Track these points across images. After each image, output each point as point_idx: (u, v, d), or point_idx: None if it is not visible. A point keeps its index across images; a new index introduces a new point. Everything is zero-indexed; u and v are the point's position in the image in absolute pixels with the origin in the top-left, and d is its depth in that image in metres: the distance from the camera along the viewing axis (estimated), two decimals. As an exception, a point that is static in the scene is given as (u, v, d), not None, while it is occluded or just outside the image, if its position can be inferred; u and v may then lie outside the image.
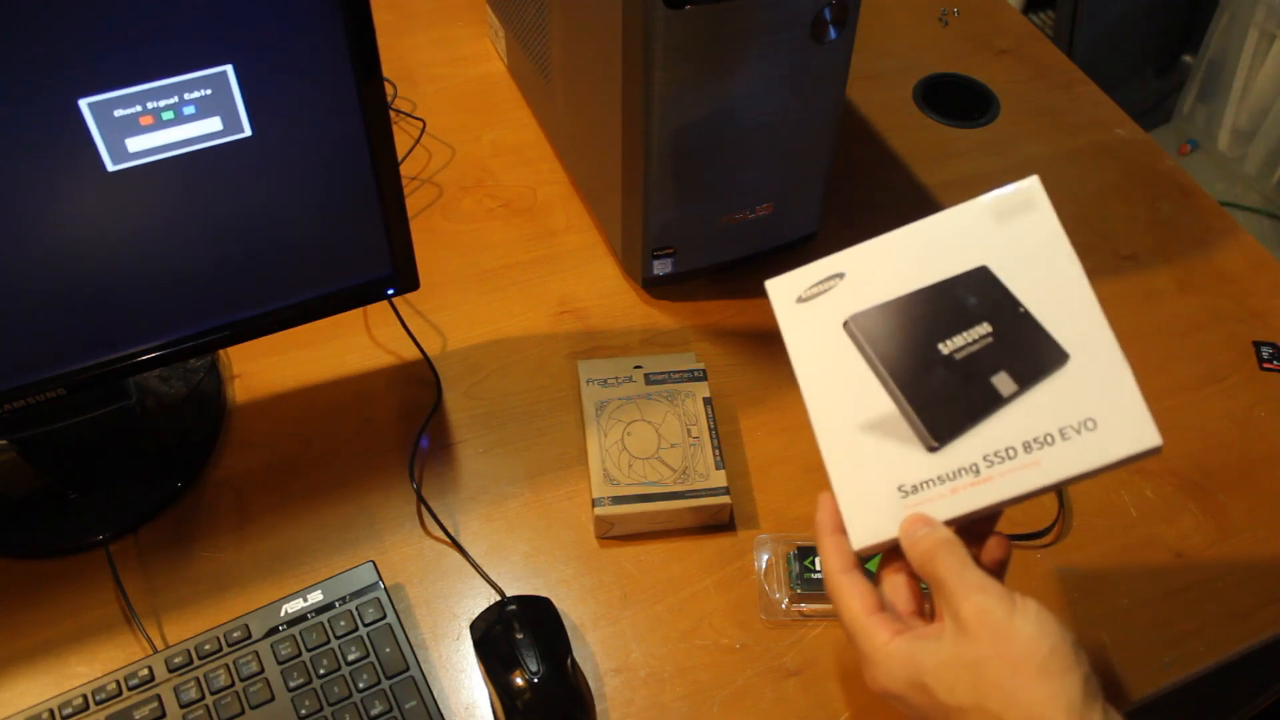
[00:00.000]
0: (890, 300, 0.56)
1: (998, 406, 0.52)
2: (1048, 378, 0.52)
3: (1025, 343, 0.53)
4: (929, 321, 0.55)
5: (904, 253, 0.56)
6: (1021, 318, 0.54)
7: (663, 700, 0.69)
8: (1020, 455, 0.52)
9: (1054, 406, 0.52)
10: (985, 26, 1.18)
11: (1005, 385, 0.53)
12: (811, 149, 0.85)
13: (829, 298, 0.57)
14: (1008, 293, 0.54)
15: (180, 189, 0.65)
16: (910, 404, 0.54)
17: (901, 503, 0.53)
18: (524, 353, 0.87)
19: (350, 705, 0.65)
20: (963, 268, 0.55)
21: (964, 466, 0.52)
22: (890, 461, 0.54)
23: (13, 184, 0.59)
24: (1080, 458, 0.51)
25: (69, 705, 0.64)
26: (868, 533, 0.54)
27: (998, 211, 0.55)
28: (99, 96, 0.58)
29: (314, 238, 0.71)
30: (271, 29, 0.61)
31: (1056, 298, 0.53)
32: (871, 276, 0.57)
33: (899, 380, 0.54)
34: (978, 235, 0.55)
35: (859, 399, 0.55)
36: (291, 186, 0.68)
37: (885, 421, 0.54)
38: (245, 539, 0.75)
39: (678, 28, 0.72)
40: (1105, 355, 0.52)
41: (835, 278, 0.57)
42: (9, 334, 0.66)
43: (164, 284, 0.68)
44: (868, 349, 0.55)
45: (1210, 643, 0.72)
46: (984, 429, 0.52)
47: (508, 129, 1.04)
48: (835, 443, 0.55)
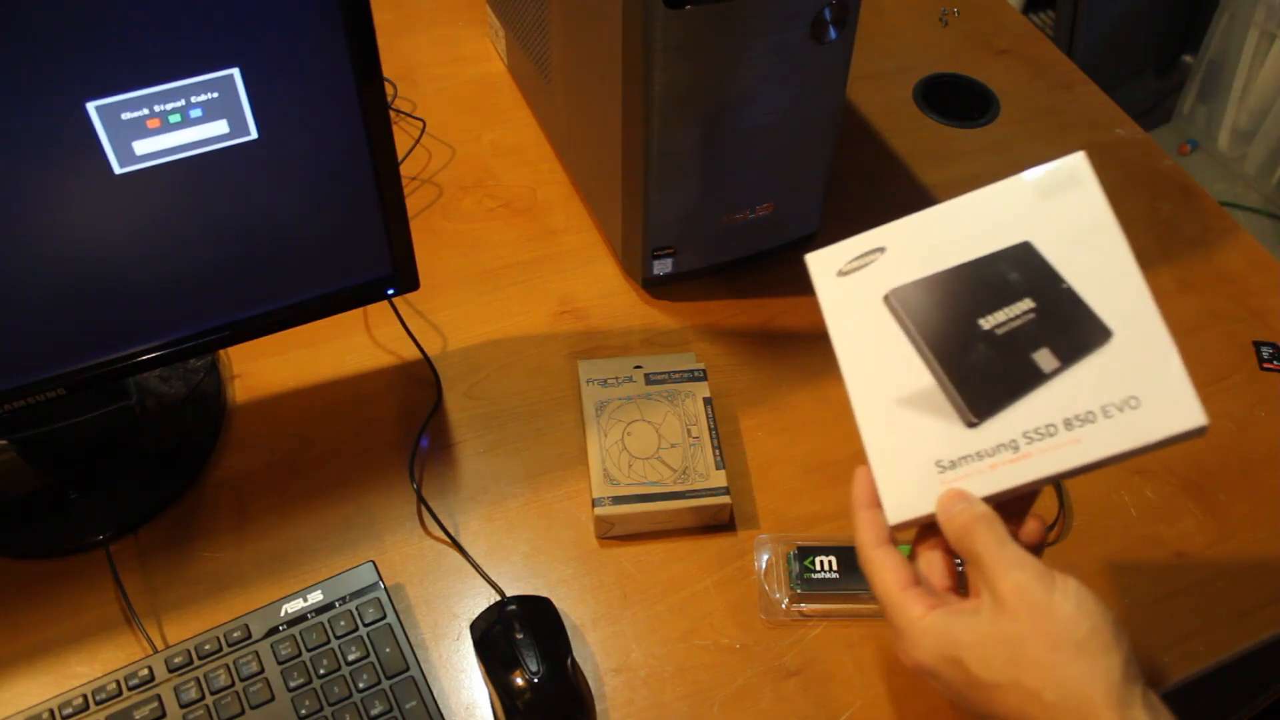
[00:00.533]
0: (932, 275, 0.55)
1: (1039, 383, 0.52)
2: (1090, 354, 0.51)
3: (1068, 319, 0.52)
4: (970, 297, 0.54)
5: (946, 228, 0.56)
6: (1064, 293, 0.53)
7: (663, 700, 0.69)
8: (1061, 432, 0.51)
9: (1096, 384, 0.51)
10: (985, 26, 1.18)
11: (1047, 361, 0.52)
12: (811, 149, 0.85)
13: (869, 272, 0.56)
14: (1051, 268, 0.53)
15: (185, 191, 0.65)
16: (950, 379, 0.53)
17: (939, 478, 0.52)
18: (524, 353, 0.87)
19: (350, 705, 0.65)
20: (1005, 243, 0.55)
21: (1003, 443, 0.51)
22: (928, 436, 0.53)
23: (19, 186, 0.60)
24: (1122, 436, 0.50)
25: (69, 705, 0.64)
26: (904, 507, 0.53)
27: (1042, 187, 0.54)
28: (106, 100, 0.59)
29: (314, 238, 0.71)
30: (277, 31, 0.61)
31: (1101, 274, 0.52)
32: (913, 251, 0.56)
33: (939, 355, 0.54)
34: (1021, 211, 0.55)
35: (898, 373, 0.54)
36: (293, 187, 0.68)
37: (924, 396, 0.53)
38: (245, 539, 0.75)
39: (678, 28, 0.72)
40: (1150, 332, 0.51)
41: (876, 252, 0.57)
42: (9, 334, 0.66)
43: (164, 284, 0.68)
44: (908, 323, 0.55)
45: (1210, 643, 0.72)
46: (1024, 405, 0.52)
47: (508, 129, 1.04)
48: (873, 417, 0.54)
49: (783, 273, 0.92)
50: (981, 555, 0.50)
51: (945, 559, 0.54)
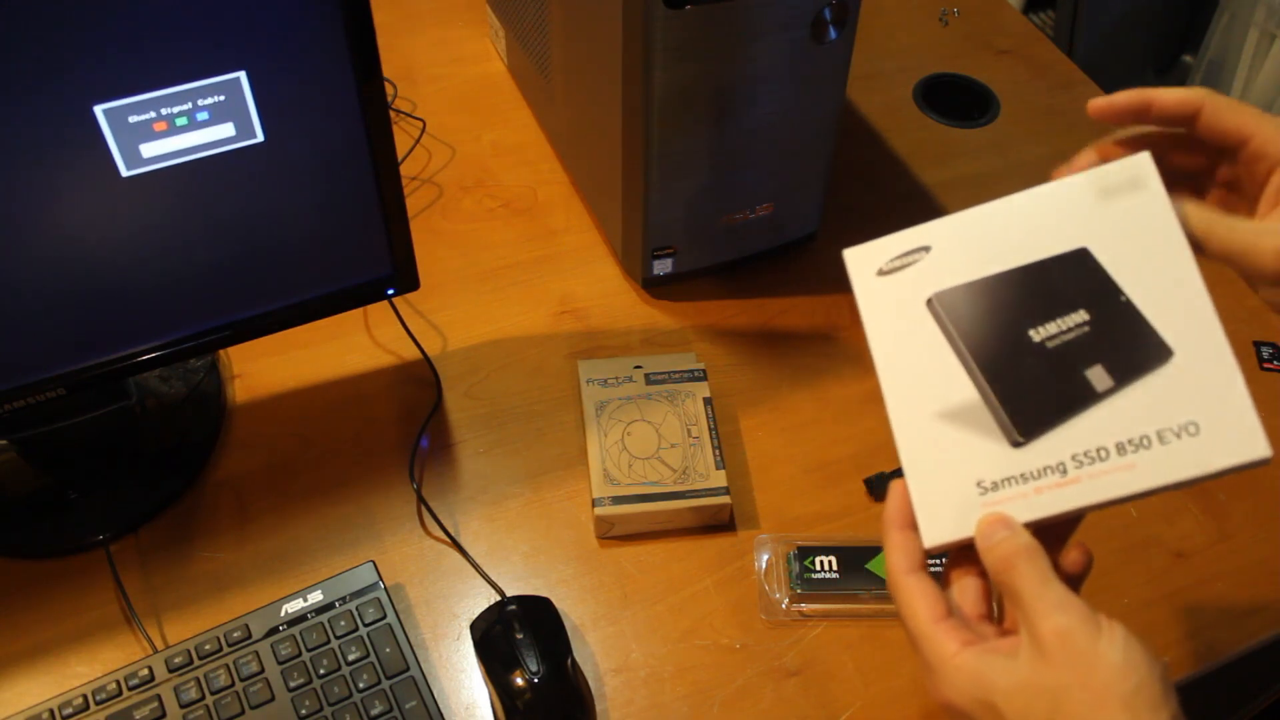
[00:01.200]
0: (979, 279, 0.51)
1: (1091, 402, 0.48)
2: (1148, 374, 0.48)
3: (1125, 335, 0.48)
4: (1021, 305, 0.50)
5: (997, 228, 0.52)
6: (1123, 307, 0.49)
7: (663, 700, 0.69)
8: (1113, 457, 0.47)
9: (1153, 406, 0.47)
10: (985, 26, 1.18)
11: (1101, 380, 0.48)
12: (811, 149, 0.85)
13: (912, 272, 0.52)
14: (1109, 279, 0.49)
15: (189, 193, 0.65)
16: (996, 393, 0.49)
17: (980, 500, 0.48)
18: (524, 353, 0.87)
19: (350, 705, 0.65)
20: (1060, 248, 0.50)
21: (1050, 465, 0.48)
22: (970, 454, 0.49)
23: (26, 187, 0.60)
24: (1179, 464, 0.46)
25: (69, 705, 0.64)
26: (941, 530, 0.49)
27: (1103, 189, 0.50)
28: (114, 103, 0.59)
29: (314, 238, 0.71)
30: (282, 34, 0.61)
31: (1163, 287, 0.48)
32: (960, 252, 0.52)
33: (985, 367, 0.50)
34: (1079, 214, 0.50)
35: (940, 384, 0.50)
36: (295, 188, 0.68)
37: (967, 410, 0.49)
38: (245, 539, 0.75)
39: (678, 28, 0.72)
40: (1214, 353, 0.47)
41: (920, 250, 0.52)
42: (9, 334, 0.66)
43: (164, 284, 0.68)
44: (952, 330, 0.51)
45: (1210, 643, 0.72)
46: (1074, 426, 0.48)
47: (508, 129, 1.04)
48: (911, 430, 0.50)
49: (783, 273, 0.92)
50: (1022, 593, 0.46)
51: (980, 584, 0.50)
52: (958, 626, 0.48)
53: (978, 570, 0.50)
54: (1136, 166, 0.50)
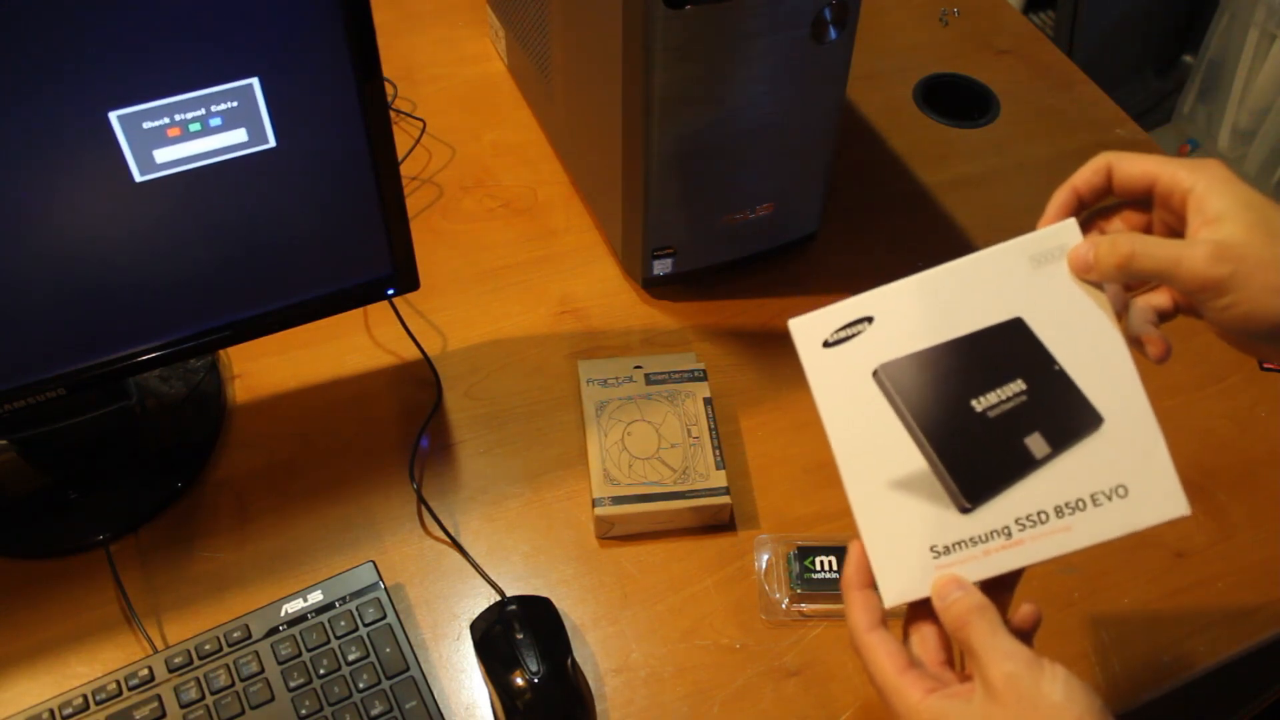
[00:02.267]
0: (922, 350, 0.53)
1: (1031, 469, 0.51)
2: (1081, 441, 0.51)
3: (1059, 403, 0.52)
4: (962, 375, 0.53)
5: (936, 297, 0.54)
6: (1056, 375, 0.52)
7: (663, 700, 0.69)
8: (1052, 519, 0.51)
9: (1086, 471, 0.51)
10: (985, 26, 1.18)
11: (1039, 447, 0.52)
12: (811, 149, 0.85)
13: (857, 343, 0.54)
14: (1042, 348, 0.52)
15: (199, 198, 0.65)
16: (943, 463, 0.52)
17: (934, 563, 0.52)
18: (524, 353, 0.87)
19: (350, 705, 0.65)
20: (997, 317, 0.53)
21: (996, 529, 0.51)
22: (922, 520, 0.52)
23: (39, 191, 0.60)
24: (1110, 524, 0.51)
25: (69, 705, 0.64)
26: (900, 591, 0.52)
27: (1034, 256, 0.53)
28: (129, 109, 0.59)
29: (315, 238, 0.71)
30: (293, 40, 0.61)
31: (1091, 355, 0.52)
32: (902, 321, 0.54)
33: (931, 437, 0.52)
34: (1012, 282, 0.53)
35: (889, 453, 0.53)
36: (298, 191, 0.68)
37: (917, 479, 0.52)
38: (245, 539, 0.75)
39: (678, 28, 0.72)
40: (1139, 420, 0.51)
41: (864, 321, 0.55)
42: (9, 334, 0.66)
43: (165, 285, 0.68)
44: (899, 401, 0.53)
45: (1210, 643, 0.72)
46: (1017, 491, 0.51)
47: (508, 129, 1.04)
48: (865, 497, 0.53)
49: (783, 273, 0.92)
50: (975, 646, 0.50)
51: (937, 633, 0.54)
52: (921, 676, 0.51)
53: (933, 620, 0.53)
54: (1062, 233, 0.52)
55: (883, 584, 0.53)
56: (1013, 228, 0.92)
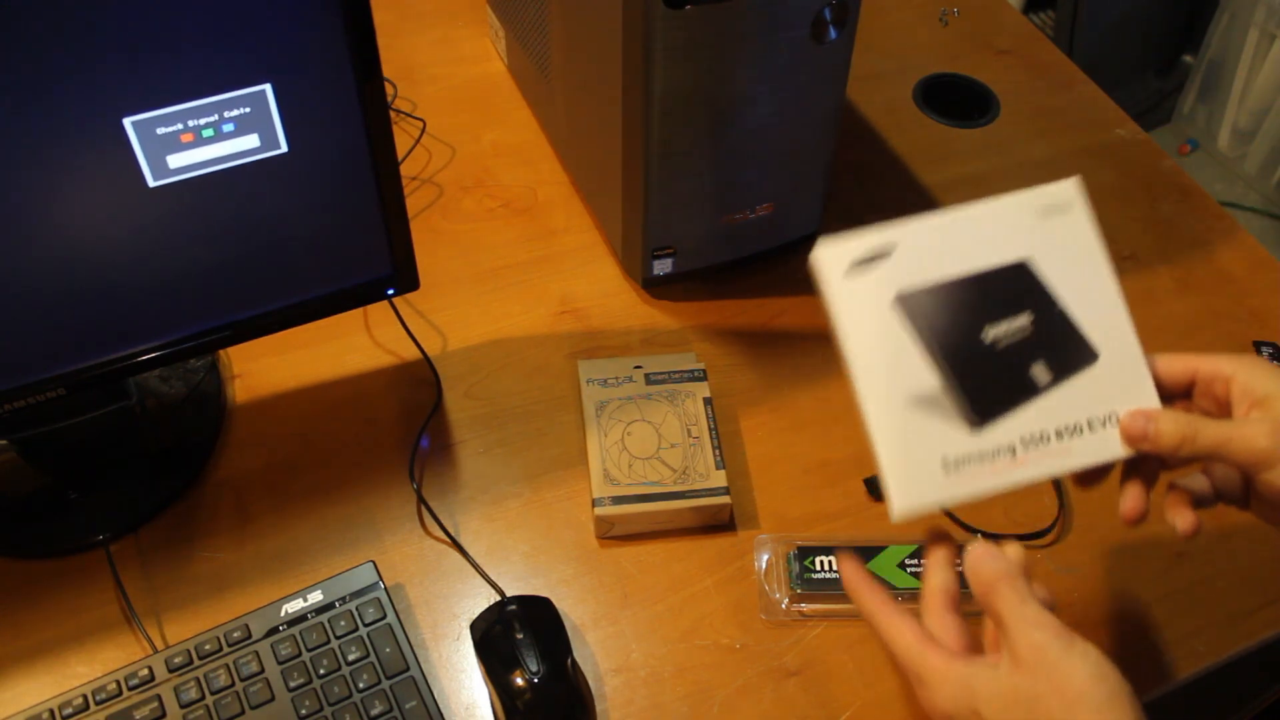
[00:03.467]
0: (940, 283, 0.58)
1: (1034, 395, 0.56)
2: (1079, 373, 0.57)
3: (1060, 338, 0.57)
4: (975, 308, 0.58)
5: (952, 236, 0.58)
6: (1058, 314, 0.58)
7: (663, 700, 0.69)
8: (1053, 441, 0.56)
9: (1083, 400, 0.56)
10: (985, 26, 1.18)
11: (1042, 375, 0.57)
12: (811, 149, 0.85)
13: (878, 272, 0.58)
14: (1046, 289, 0.58)
15: (208, 202, 0.66)
16: (957, 384, 0.56)
17: (944, 476, 0.55)
18: (524, 353, 0.87)
19: (350, 705, 0.65)
20: (1007, 259, 0.58)
21: (1003, 447, 0.55)
22: (935, 437, 0.55)
23: (54, 196, 0.61)
24: (1104, 448, 0.56)
25: (69, 705, 0.64)
26: (912, 501, 0.55)
27: (1041, 208, 0.59)
28: (143, 115, 0.60)
29: (315, 238, 0.71)
30: (304, 47, 0.62)
31: (1089, 298, 0.58)
32: (919, 255, 0.58)
33: (948, 361, 0.56)
34: (1021, 228, 0.58)
35: (906, 374, 0.56)
36: (300, 192, 0.68)
37: (931, 398, 0.56)
38: (245, 539, 0.75)
39: (678, 28, 0.72)
40: (1130, 357, 0.57)
41: (884, 254, 0.58)
42: (10, 334, 0.66)
43: (165, 284, 0.68)
44: (919, 328, 0.57)
45: (1210, 643, 0.72)
46: (1021, 414, 0.56)
47: (508, 129, 1.04)
48: (881, 414, 0.56)
49: (783, 273, 0.92)
50: (1003, 612, 0.51)
51: (958, 622, 0.55)
52: (943, 646, 0.53)
53: (953, 609, 0.56)
54: (1066, 190, 0.59)
55: (895, 496, 0.55)
56: (1013, 228, 0.88)
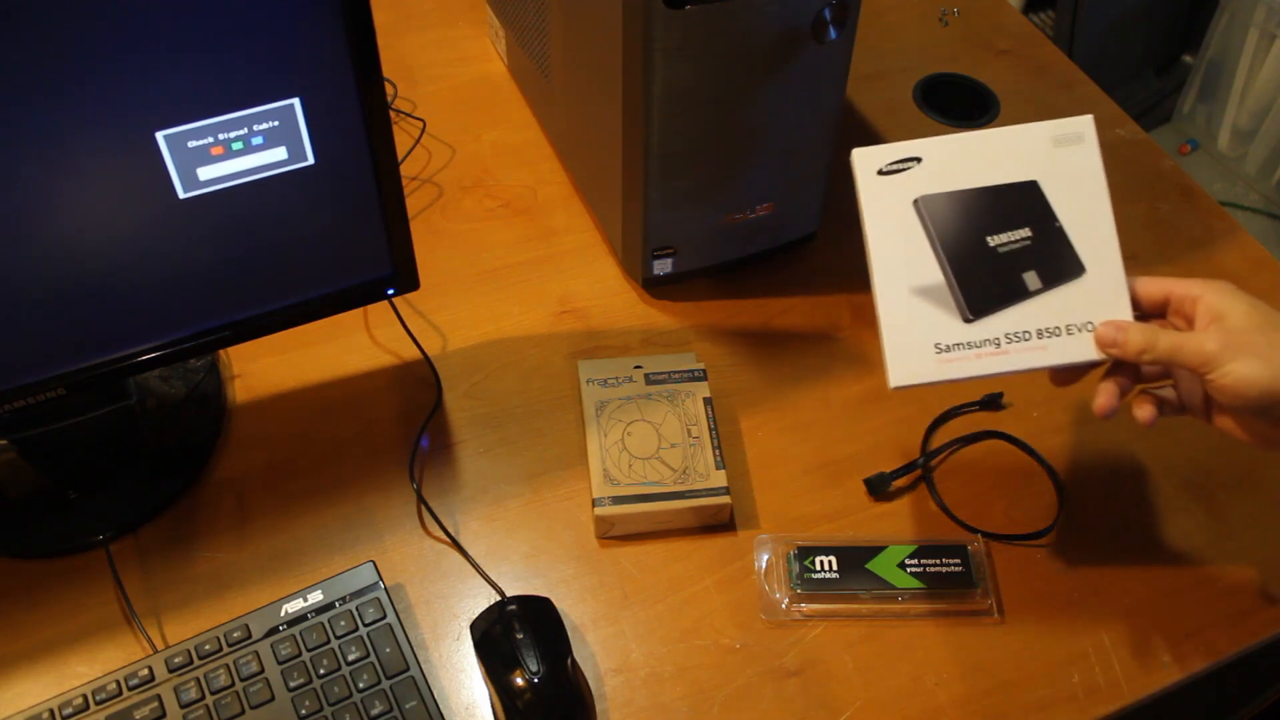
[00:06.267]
0: (955, 190, 0.66)
1: (1024, 298, 0.64)
2: (1066, 283, 0.64)
3: (1054, 251, 0.65)
4: (983, 217, 0.66)
5: (974, 152, 0.66)
6: (1056, 230, 0.65)
7: (663, 700, 0.69)
8: (1033, 339, 0.64)
9: (1066, 306, 0.64)
10: (985, 26, 1.18)
11: (1033, 281, 0.64)
12: (811, 149, 0.85)
13: (905, 176, 0.66)
14: (1049, 207, 0.66)
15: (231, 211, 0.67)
16: (957, 281, 0.64)
17: (936, 357, 0.64)
18: (524, 353, 0.87)
19: (350, 705, 0.65)
20: (1018, 177, 0.66)
21: (989, 338, 0.64)
22: (932, 323, 0.64)
23: (83, 207, 0.62)
24: (1078, 350, 0.63)
25: (69, 705, 0.64)
26: (907, 374, 0.64)
27: (1056, 138, 0.66)
28: (175, 129, 0.61)
29: (315, 238, 0.71)
30: (329, 60, 0.63)
31: (1086, 220, 0.65)
32: (943, 166, 0.66)
33: (951, 259, 0.65)
34: (1036, 153, 0.66)
35: (915, 266, 0.64)
36: (316, 199, 0.69)
37: (934, 289, 0.64)
38: (245, 539, 0.75)
39: (678, 28, 0.72)
40: (1113, 275, 0.64)
41: (913, 160, 0.66)
42: (10, 334, 0.66)
43: (166, 285, 0.68)
44: (930, 227, 0.65)
45: (1210, 643, 0.72)
46: (1010, 312, 0.64)
47: (508, 129, 1.04)
48: (889, 297, 0.64)
49: (783, 273, 0.92)
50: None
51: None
52: None
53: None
54: (1081, 124, 0.67)
55: (892, 369, 0.64)
56: (1013, 228, 0.88)
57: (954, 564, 0.73)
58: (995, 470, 0.80)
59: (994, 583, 0.74)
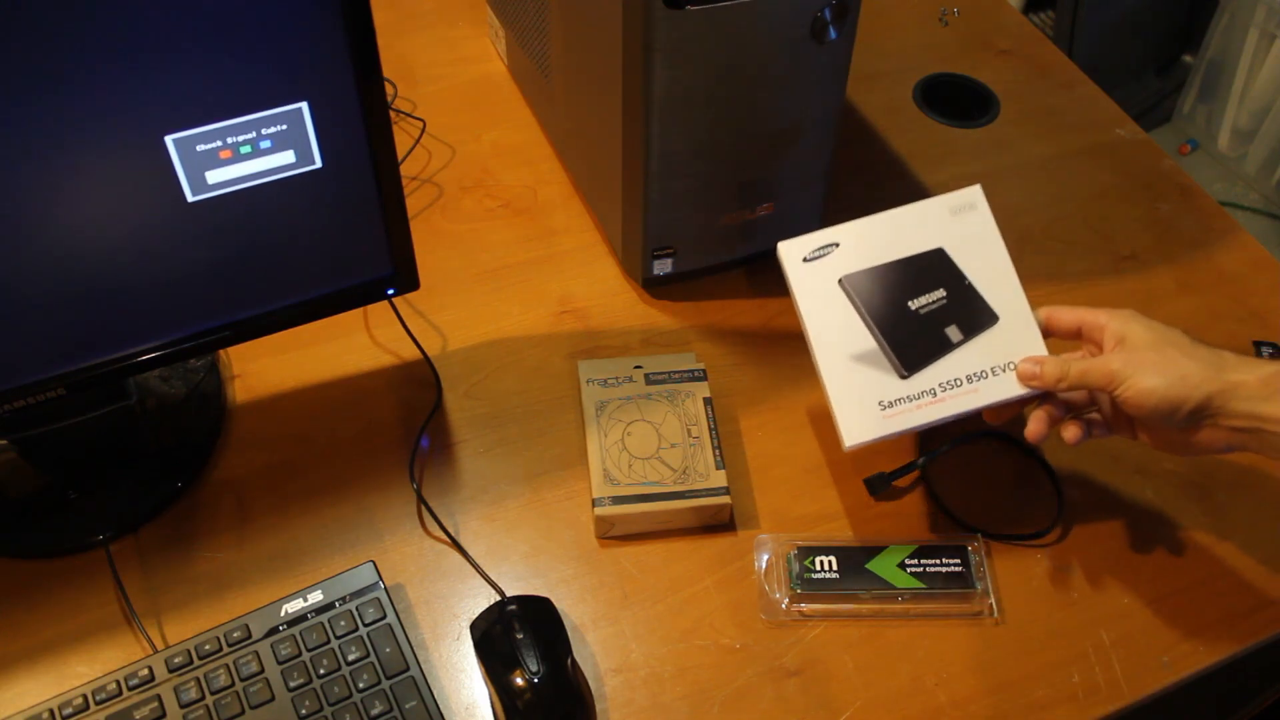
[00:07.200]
0: (874, 266, 0.73)
1: (950, 349, 0.71)
2: (984, 332, 0.72)
3: (969, 305, 0.73)
4: (902, 285, 0.73)
5: (884, 231, 0.74)
6: (967, 287, 0.73)
7: (663, 700, 0.69)
8: (965, 384, 0.70)
9: (988, 351, 0.71)
10: (985, 26, 1.18)
11: (955, 334, 0.72)
12: (811, 149, 0.85)
13: (827, 260, 0.73)
14: (957, 269, 0.74)
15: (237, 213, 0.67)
16: (889, 344, 0.71)
17: (881, 414, 0.70)
18: (524, 353, 0.87)
19: (350, 705, 0.65)
20: (927, 246, 0.74)
21: (926, 390, 0.70)
22: (873, 384, 0.70)
23: (91, 209, 0.62)
24: (1005, 388, 0.70)
25: (69, 705, 0.64)
26: (859, 433, 0.70)
27: (951, 208, 0.75)
28: (184, 133, 0.61)
29: (316, 239, 0.71)
30: (335, 64, 0.63)
31: (991, 274, 0.73)
32: (859, 247, 0.74)
33: (881, 326, 0.72)
34: (937, 223, 0.74)
35: (849, 336, 0.71)
36: (320, 201, 0.69)
37: (869, 354, 0.71)
38: (245, 539, 0.75)
39: (678, 28, 0.72)
40: (1023, 319, 0.72)
41: (832, 245, 0.74)
42: (10, 334, 0.66)
43: (165, 284, 0.68)
44: (857, 301, 0.72)
45: (1210, 643, 0.72)
46: (940, 364, 0.71)
47: (508, 129, 1.04)
48: (832, 367, 0.71)
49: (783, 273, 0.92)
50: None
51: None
52: None
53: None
54: (972, 194, 0.75)
55: (845, 429, 0.70)
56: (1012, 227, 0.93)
57: (954, 564, 0.73)
58: (995, 470, 0.81)
59: (994, 583, 0.74)
